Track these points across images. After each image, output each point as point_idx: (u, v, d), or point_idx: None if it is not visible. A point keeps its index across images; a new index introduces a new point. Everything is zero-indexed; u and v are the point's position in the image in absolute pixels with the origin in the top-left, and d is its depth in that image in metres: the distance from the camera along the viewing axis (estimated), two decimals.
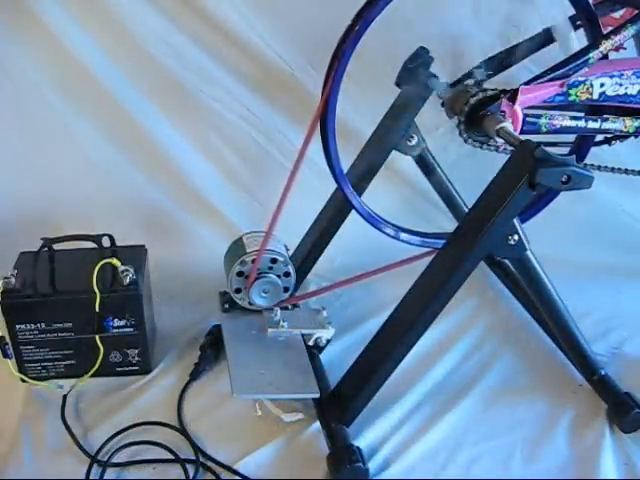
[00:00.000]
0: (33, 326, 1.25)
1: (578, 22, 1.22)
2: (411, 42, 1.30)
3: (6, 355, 1.23)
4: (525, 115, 1.13)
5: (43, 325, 1.26)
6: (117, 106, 1.49)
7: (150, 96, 1.51)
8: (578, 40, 1.21)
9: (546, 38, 1.24)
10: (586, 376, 1.27)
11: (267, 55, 1.50)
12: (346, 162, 1.28)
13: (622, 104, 1.19)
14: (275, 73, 1.52)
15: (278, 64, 1.51)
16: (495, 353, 1.38)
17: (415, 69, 1.30)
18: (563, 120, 1.17)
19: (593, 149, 1.31)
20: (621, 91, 1.17)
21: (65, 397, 1.24)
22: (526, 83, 1.14)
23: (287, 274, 1.31)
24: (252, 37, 1.48)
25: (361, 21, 1.12)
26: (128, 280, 1.25)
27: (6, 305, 1.23)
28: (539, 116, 1.15)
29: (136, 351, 1.30)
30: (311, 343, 1.30)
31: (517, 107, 1.12)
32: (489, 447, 1.17)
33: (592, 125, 1.19)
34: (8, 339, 1.24)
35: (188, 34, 1.47)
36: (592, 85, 1.16)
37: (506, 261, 1.40)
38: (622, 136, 1.24)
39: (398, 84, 1.32)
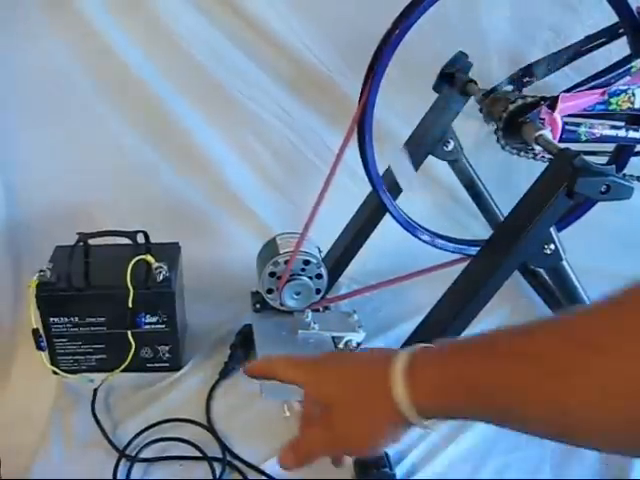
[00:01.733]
0: (66, 319, 1.27)
1: (621, 30, 1.21)
2: (451, 46, 1.30)
3: (40, 347, 1.24)
4: (564, 123, 1.12)
5: (76, 319, 1.27)
6: (154, 103, 1.50)
7: (187, 94, 1.52)
8: (621, 49, 1.20)
9: (587, 45, 1.23)
10: None
11: (304, 56, 1.50)
12: (381, 165, 1.28)
13: None
14: (312, 74, 1.52)
15: (315, 65, 1.51)
16: None
17: (453, 74, 1.29)
18: (603, 129, 1.15)
19: (633, 159, 1.29)
20: None
21: (96, 391, 1.25)
22: (566, 91, 1.13)
23: (319, 276, 1.31)
24: (290, 38, 1.48)
25: (401, 24, 1.12)
26: (161, 277, 1.25)
27: (41, 298, 1.24)
28: (579, 124, 1.14)
29: (167, 348, 1.31)
30: (341, 346, 1.29)
31: (557, 115, 1.11)
32: (518, 457, 1.16)
33: (633, 135, 1.17)
34: (42, 332, 1.25)
35: (226, 34, 1.47)
36: (634, 94, 1.14)
37: (540, 270, 1.38)
38: None
39: (436, 89, 1.31)
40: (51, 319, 1.26)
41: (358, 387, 0.65)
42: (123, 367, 1.26)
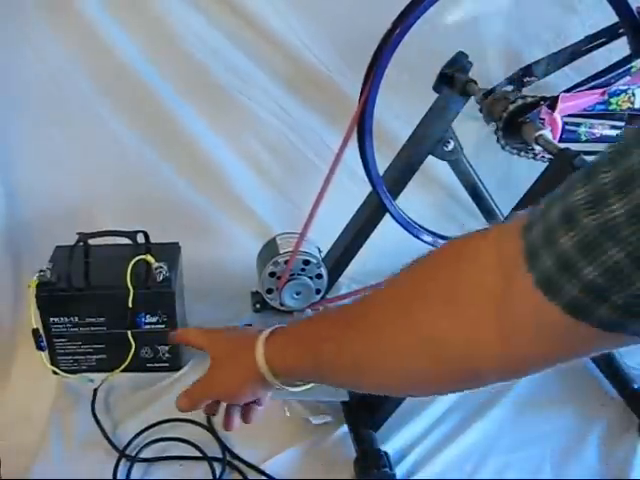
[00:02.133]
0: (66, 319, 1.27)
1: (621, 30, 1.21)
2: (451, 46, 1.29)
3: (40, 347, 1.24)
4: (564, 123, 1.12)
5: (76, 319, 1.27)
6: (153, 103, 1.50)
7: (186, 94, 1.51)
8: (621, 49, 1.20)
9: (587, 45, 1.23)
10: (618, 389, 1.25)
11: (304, 56, 1.49)
12: (381, 165, 1.28)
13: None
14: (311, 74, 1.51)
15: (315, 65, 1.50)
16: None
17: (453, 74, 1.29)
18: (603, 129, 1.15)
19: None
20: None
21: (96, 391, 1.26)
22: (566, 91, 1.12)
23: (319, 276, 1.31)
24: (290, 37, 1.48)
25: (401, 25, 1.12)
26: (161, 277, 1.26)
27: (41, 298, 1.25)
28: (579, 124, 1.14)
29: (167, 348, 1.31)
30: None
31: (557, 115, 1.11)
32: (518, 457, 1.16)
33: None
34: (42, 332, 1.25)
35: (226, 33, 1.47)
36: (634, 94, 1.14)
37: None
38: None
39: (436, 89, 1.31)
40: (51, 319, 1.27)
41: (234, 349, 0.80)
42: (123, 367, 1.27)
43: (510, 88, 1.20)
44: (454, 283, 0.59)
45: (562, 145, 1.04)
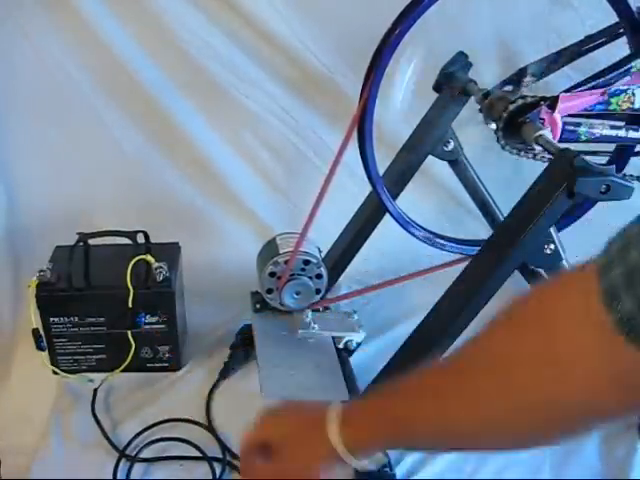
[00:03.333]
0: (66, 319, 1.27)
1: (620, 30, 1.21)
2: (451, 47, 1.29)
3: (40, 347, 1.24)
4: (564, 123, 1.12)
5: (76, 319, 1.27)
6: (154, 103, 1.50)
7: (187, 94, 1.52)
8: (620, 48, 1.20)
9: (587, 45, 1.23)
10: None
11: (305, 57, 1.50)
12: (381, 166, 1.28)
13: None
14: (313, 75, 1.51)
15: (316, 66, 1.50)
16: None
17: (453, 74, 1.29)
18: (603, 129, 1.15)
19: (633, 159, 1.29)
20: None
21: (96, 391, 1.26)
22: (566, 91, 1.12)
23: (319, 276, 1.31)
24: (291, 39, 1.48)
25: (401, 25, 1.12)
26: (161, 277, 1.25)
27: (41, 298, 1.25)
28: (579, 124, 1.14)
29: (167, 348, 1.31)
30: (341, 346, 1.29)
31: (557, 115, 1.11)
32: (518, 457, 1.16)
33: (633, 135, 1.17)
34: (42, 332, 1.25)
35: (226, 34, 1.47)
36: (634, 94, 1.14)
37: (541, 270, 1.38)
38: None
39: (436, 89, 1.31)
40: (51, 319, 1.27)
41: (299, 432, 0.76)
42: (123, 367, 1.27)
43: (510, 88, 1.20)
44: (550, 343, 0.58)
45: (562, 145, 1.04)
